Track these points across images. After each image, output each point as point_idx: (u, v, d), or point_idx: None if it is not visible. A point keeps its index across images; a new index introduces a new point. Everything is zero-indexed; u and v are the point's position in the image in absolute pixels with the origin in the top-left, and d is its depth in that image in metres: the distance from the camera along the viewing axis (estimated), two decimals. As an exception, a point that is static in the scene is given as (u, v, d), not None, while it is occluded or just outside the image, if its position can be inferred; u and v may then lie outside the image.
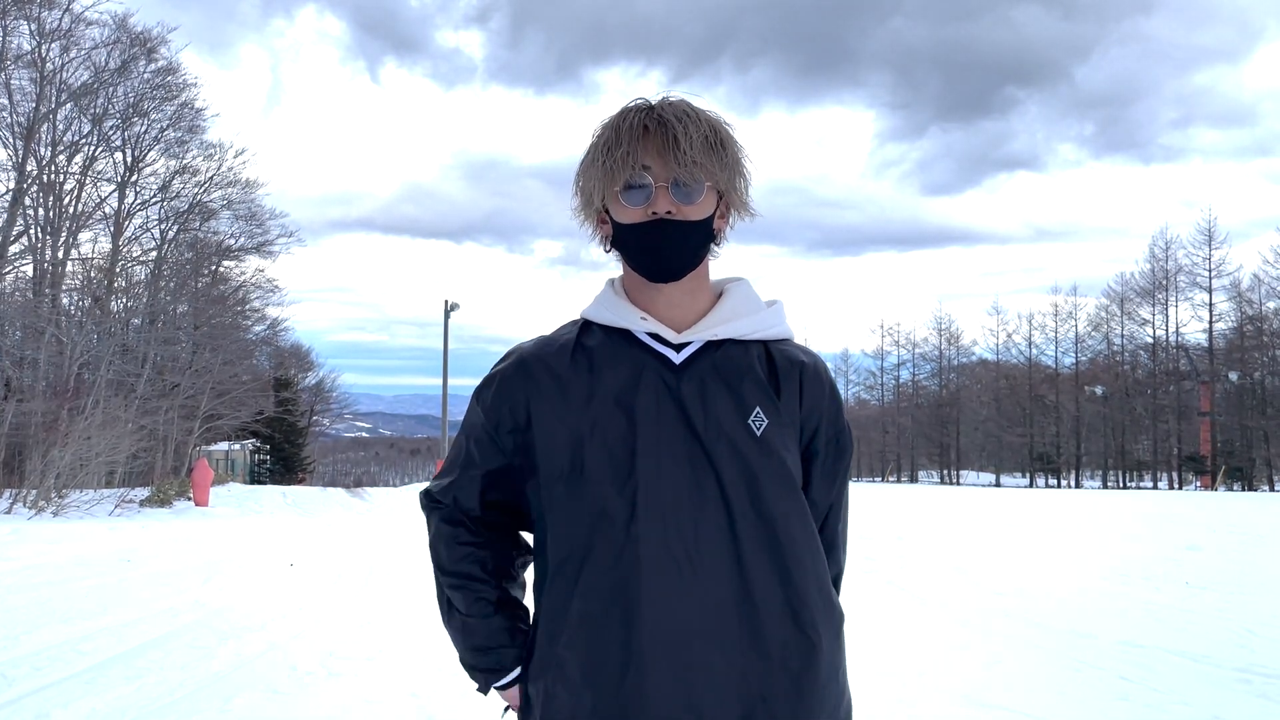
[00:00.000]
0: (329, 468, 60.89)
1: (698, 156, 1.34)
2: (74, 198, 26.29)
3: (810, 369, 1.45)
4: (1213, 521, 16.57)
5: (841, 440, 1.48)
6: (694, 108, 1.39)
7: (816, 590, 1.38)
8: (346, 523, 16.74)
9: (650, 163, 1.35)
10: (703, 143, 1.34)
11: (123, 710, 4.14)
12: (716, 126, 1.38)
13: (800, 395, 1.42)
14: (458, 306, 35.88)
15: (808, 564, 1.38)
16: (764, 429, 1.37)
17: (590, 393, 1.40)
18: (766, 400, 1.39)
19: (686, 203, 1.36)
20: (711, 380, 1.39)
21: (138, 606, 7.00)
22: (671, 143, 1.34)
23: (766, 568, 1.34)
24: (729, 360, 1.41)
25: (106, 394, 22.47)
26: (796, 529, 1.38)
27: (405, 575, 9.05)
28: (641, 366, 1.40)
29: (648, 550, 1.32)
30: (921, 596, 7.84)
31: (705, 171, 1.35)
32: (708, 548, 1.33)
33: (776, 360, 1.43)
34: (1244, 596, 8.01)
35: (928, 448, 63.21)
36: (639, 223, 1.37)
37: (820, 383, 1.45)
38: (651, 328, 1.41)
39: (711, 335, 1.41)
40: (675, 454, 1.35)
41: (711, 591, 1.32)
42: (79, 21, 24.27)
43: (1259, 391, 47.00)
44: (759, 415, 1.37)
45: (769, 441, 1.37)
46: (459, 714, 4.27)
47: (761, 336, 1.45)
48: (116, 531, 12.84)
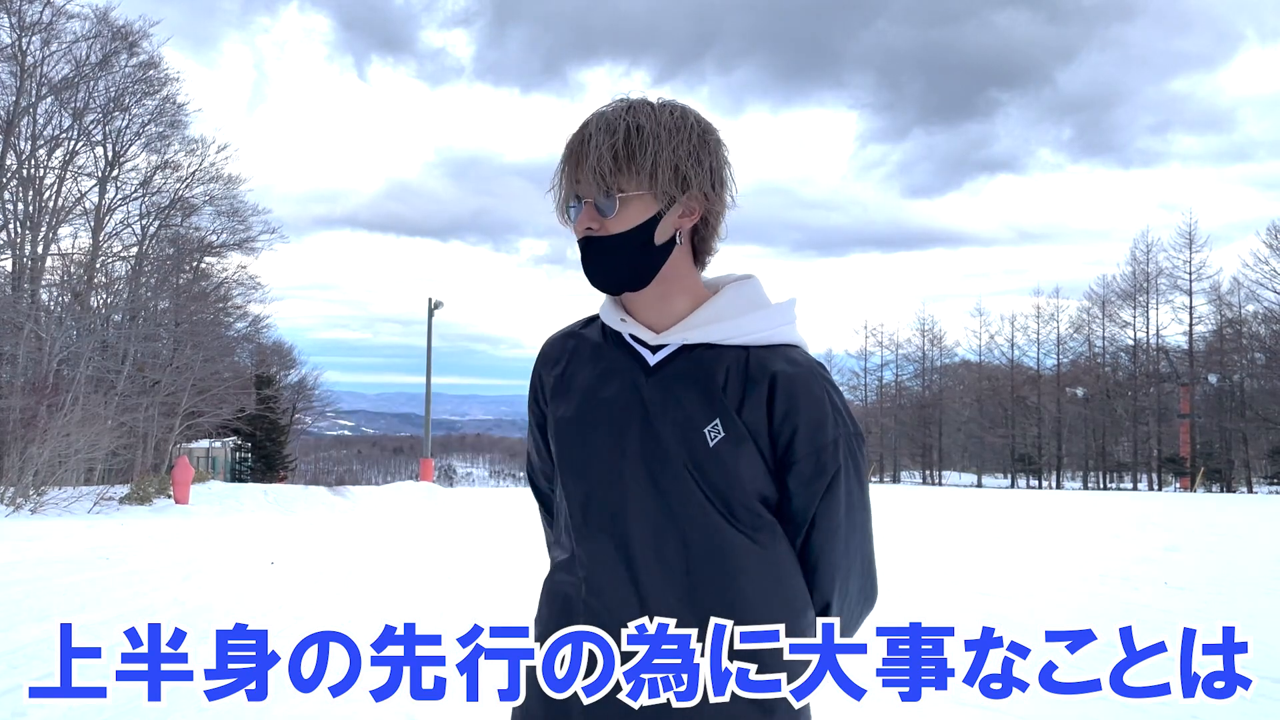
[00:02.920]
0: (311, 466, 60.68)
1: (605, 169, 1.32)
2: (54, 192, 26.06)
3: (785, 378, 1.37)
4: (1191, 522, 16.72)
5: (822, 457, 1.36)
6: (626, 113, 1.34)
7: (767, 610, 1.34)
8: (328, 521, 16.66)
9: (572, 178, 1.38)
10: (610, 154, 1.31)
11: (99, 709, 4.10)
12: (632, 133, 1.32)
13: (770, 405, 1.36)
14: (441, 304, 35.78)
15: (759, 580, 1.35)
16: (718, 441, 1.35)
17: (572, 384, 1.46)
18: (724, 411, 1.36)
19: (606, 217, 1.35)
20: (676, 386, 1.38)
21: (115, 604, 6.94)
22: (584, 159, 1.34)
23: (714, 583, 1.33)
24: (698, 366, 1.39)
25: (86, 390, 22.27)
26: (741, 542, 1.34)
27: (386, 573, 9.02)
28: (618, 366, 1.42)
29: (593, 550, 1.37)
30: (902, 596, 7.87)
31: (614, 183, 1.33)
32: (641, 554, 1.34)
33: (751, 368, 1.38)
34: (1222, 597, 8.08)
35: (910, 448, 63.51)
36: (579, 241, 1.40)
37: (796, 393, 1.36)
38: (630, 329, 1.42)
39: (684, 339, 1.40)
40: (631, 456, 1.36)
41: (658, 600, 1.33)
42: (60, 15, 24.09)
43: (1238, 394, 47.45)
44: (716, 426, 1.35)
45: (720, 453, 1.34)
46: (440, 712, 4.26)
47: (745, 341, 1.40)
48: (95, 529, 12.74)
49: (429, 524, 15.93)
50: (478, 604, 6.90)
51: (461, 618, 6.25)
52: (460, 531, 13.95)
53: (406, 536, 13.57)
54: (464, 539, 12.58)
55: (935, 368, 62.81)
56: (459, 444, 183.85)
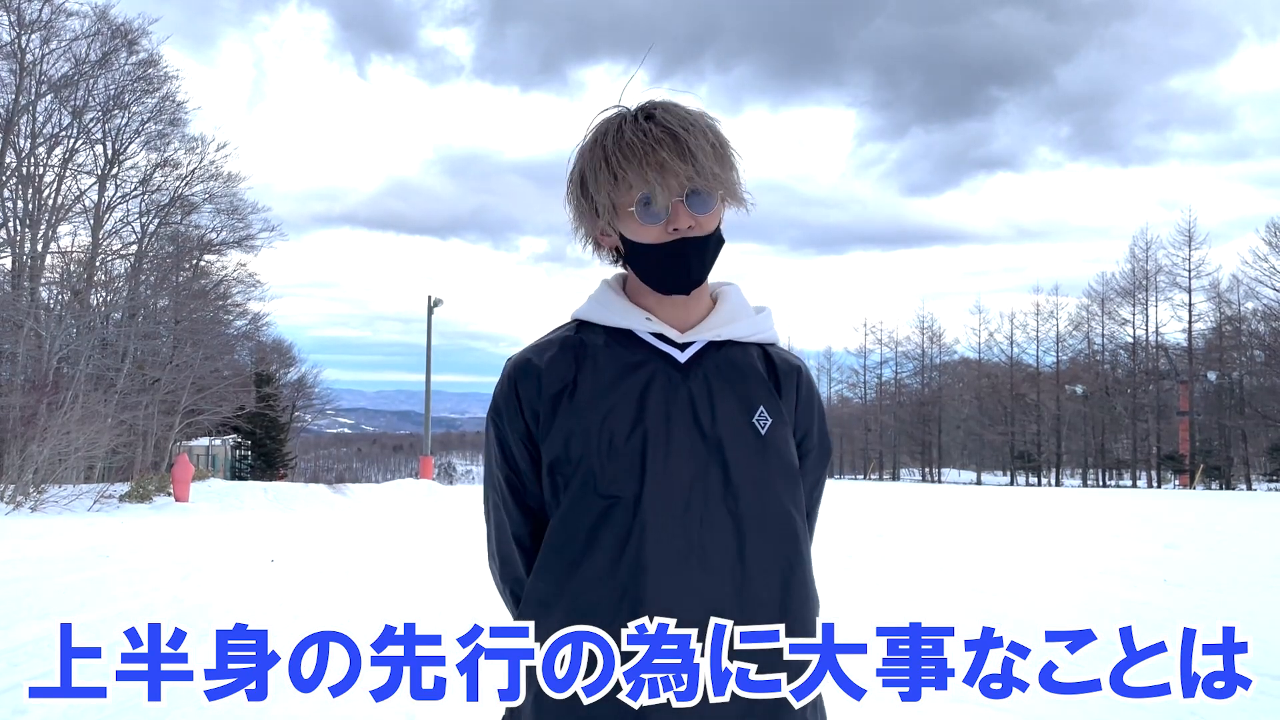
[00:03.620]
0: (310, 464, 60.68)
1: (713, 167, 1.32)
2: (53, 190, 26.06)
3: (805, 375, 1.50)
4: (1191, 520, 16.72)
5: (825, 444, 1.54)
6: (689, 111, 1.36)
7: (809, 585, 1.42)
8: (328, 519, 16.65)
9: (663, 177, 1.31)
10: (712, 151, 1.33)
11: (100, 707, 4.10)
12: (716, 129, 1.37)
13: (797, 398, 1.47)
14: (441, 302, 35.76)
15: (806, 560, 1.43)
16: (768, 427, 1.40)
17: (597, 389, 1.39)
18: (770, 399, 1.42)
19: (704, 214, 1.35)
20: (716, 379, 1.40)
21: (115, 602, 6.94)
22: (688, 155, 1.30)
23: (768, 564, 1.36)
24: (732, 360, 1.43)
25: (86, 388, 22.25)
26: (799, 525, 1.42)
27: (386, 572, 9.02)
28: (648, 364, 1.40)
29: (653, 545, 1.31)
30: (901, 594, 7.87)
31: (719, 181, 1.34)
32: (713, 543, 1.34)
33: (776, 363, 1.47)
34: (1222, 594, 8.08)
35: (909, 446, 63.48)
36: (661, 243, 1.35)
37: (812, 389, 1.52)
38: (656, 328, 1.42)
39: (714, 336, 1.43)
40: (681, 449, 1.35)
41: (714, 586, 1.33)
42: (59, 12, 24.10)
43: (1237, 391, 47.43)
44: (763, 414, 1.41)
45: (773, 439, 1.40)
46: (440, 712, 4.26)
47: (759, 339, 1.49)
48: (95, 527, 12.74)
49: (429, 522, 15.91)
50: (478, 604, 6.89)
51: (461, 617, 6.25)
52: (461, 530, 13.94)
53: (406, 535, 13.56)
54: (465, 537, 12.57)
55: (934, 365, 62.78)
56: (459, 441, 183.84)
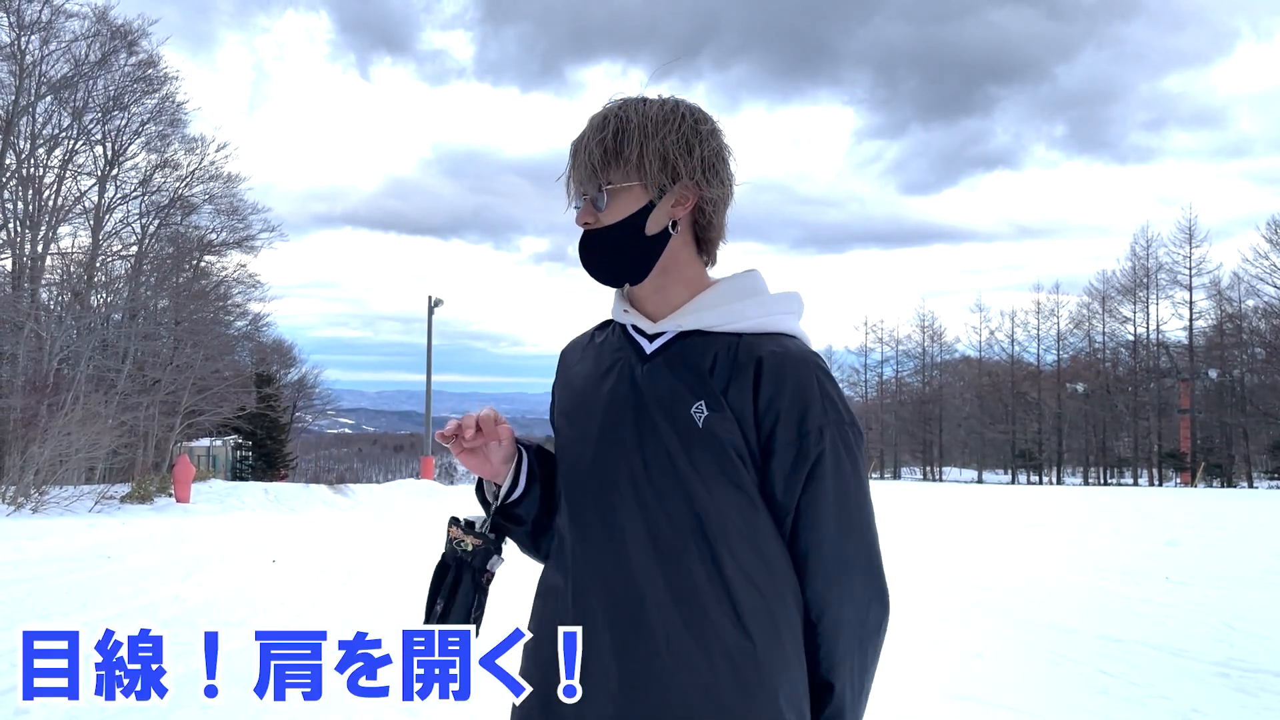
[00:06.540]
0: (311, 464, 60.48)
1: (594, 163, 1.38)
2: (53, 191, 26.03)
3: (773, 360, 1.35)
4: (1192, 517, 16.72)
5: (805, 443, 1.32)
6: (617, 109, 1.40)
7: (754, 590, 1.32)
8: (329, 519, 16.67)
9: (574, 174, 1.43)
10: (599, 149, 1.37)
11: (102, 706, 4.10)
12: (619, 127, 1.37)
13: (755, 389, 1.34)
14: (442, 302, 35.80)
15: (743, 559, 1.32)
16: (704, 419, 1.34)
17: (577, 378, 1.52)
18: (710, 392, 1.36)
19: (598, 210, 1.41)
20: (667, 369, 1.40)
21: (117, 602, 6.95)
22: (578, 156, 1.41)
23: (698, 559, 1.32)
24: (689, 351, 1.40)
25: (86, 389, 22.25)
26: (732, 522, 1.33)
27: (387, 572, 9.03)
28: (619, 356, 1.46)
29: (583, 538, 1.39)
30: (903, 591, 7.88)
31: (603, 176, 1.38)
32: (645, 540, 1.34)
33: (739, 352, 1.37)
34: (1222, 591, 8.08)
35: (911, 444, 63.45)
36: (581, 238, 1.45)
37: (783, 376, 1.34)
38: (631, 319, 1.47)
39: (677, 327, 1.42)
40: (622, 442, 1.38)
41: (641, 585, 1.34)
42: (59, 14, 24.05)
43: (1238, 389, 47.41)
44: (700, 407, 1.35)
45: (711, 431, 1.34)
46: (443, 710, 4.26)
47: (739, 328, 1.40)
48: (96, 528, 12.74)
49: (430, 522, 15.92)
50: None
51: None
52: (461, 529, 13.92)
53: (407, 535, 13.57)
54: (465, 536, 12.54)
55: (935, 364, 62.76)
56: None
